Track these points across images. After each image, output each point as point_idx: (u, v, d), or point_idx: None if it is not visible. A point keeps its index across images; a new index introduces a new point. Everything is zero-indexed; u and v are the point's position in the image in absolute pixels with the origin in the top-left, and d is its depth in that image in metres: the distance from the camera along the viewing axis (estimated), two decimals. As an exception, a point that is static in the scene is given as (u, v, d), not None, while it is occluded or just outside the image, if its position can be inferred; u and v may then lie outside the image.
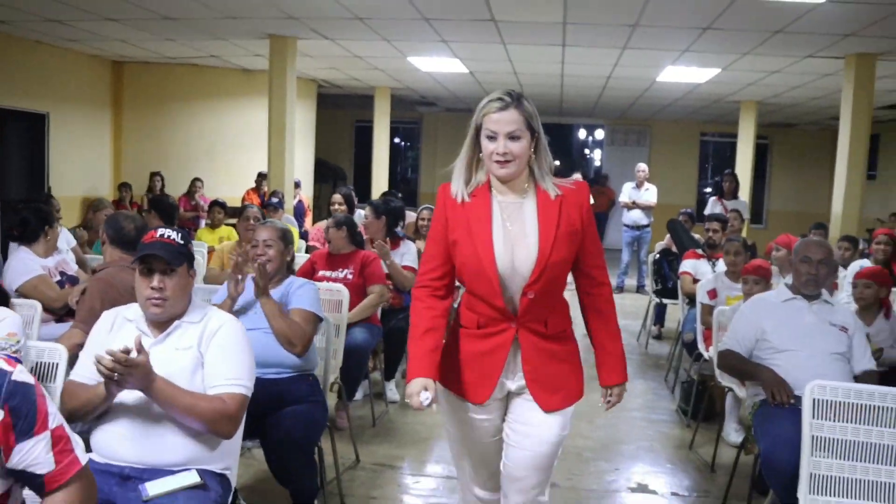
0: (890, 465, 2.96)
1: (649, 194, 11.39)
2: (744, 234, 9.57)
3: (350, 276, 5.28)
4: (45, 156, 10.82)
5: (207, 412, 2.57)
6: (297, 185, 11.61)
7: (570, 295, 2.65)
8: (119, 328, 2.76)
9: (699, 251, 7.03)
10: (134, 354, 2.42)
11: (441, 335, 2.60)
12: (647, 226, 11.39)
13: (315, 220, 12.83)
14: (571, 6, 7.27)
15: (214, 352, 2.68)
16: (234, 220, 9.73)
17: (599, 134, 19.59)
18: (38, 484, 1.85)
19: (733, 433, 5.03)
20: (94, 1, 7.88)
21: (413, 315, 2.62)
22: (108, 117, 12.35)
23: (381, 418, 5.40)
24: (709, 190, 18.10)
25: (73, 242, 5.78)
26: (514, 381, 2.61)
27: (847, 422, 2.99)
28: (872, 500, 2.95)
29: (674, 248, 8.25)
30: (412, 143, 20.47)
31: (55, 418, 1.88)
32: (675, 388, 6.29)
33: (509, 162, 2.48)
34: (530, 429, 2.59)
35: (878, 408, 2.98)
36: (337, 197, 7.08)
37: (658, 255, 8.27)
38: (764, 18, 7.31)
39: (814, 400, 3.02)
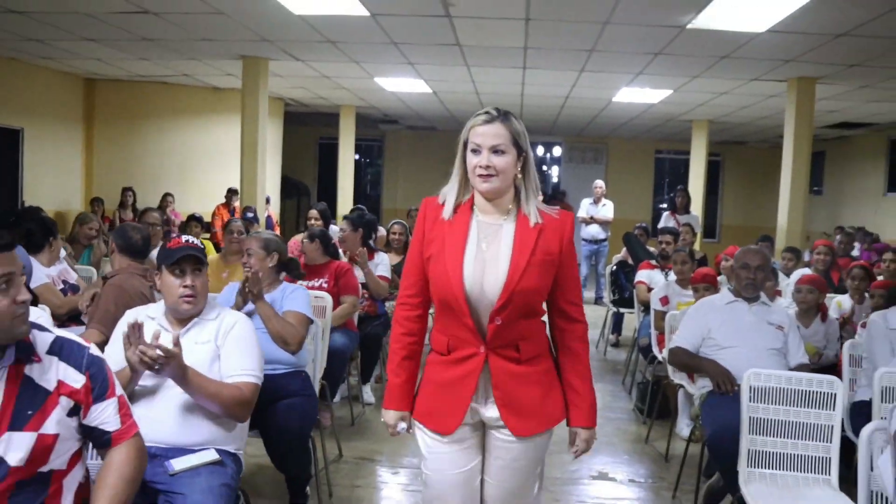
0: (816, 440, 3.43)
1: (606, 210, 11.90)
2: (697, 247, 10.11)
3: (325, 285, 5.63)
4: (20, 170, 11.04)
5: (227, 398, 2.94)
6: (267, 200, 11.93)
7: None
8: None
9: (653, 262, 7.50)
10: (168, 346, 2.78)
11: (416, 362, 2.61)
12: (604, 240, 11.88)
13: (282, 235, 13.15)
14: (532, 32, 7.73)
15: (230, 345, 3.06)
16: (207, 235, 10.07)
17: (557, 151, 20.09)
18: (106, 440, 2.24)
19: (685, 428, 5.46)
20: (75, 21, 8.17)
21: (392, 339, 2.64)
22: (80, 133, 12.59)
23: (359, 418, 5.77)
24: (665, 205, 18.70)
25: (63, 253, 6.07)
26: (488, 410, 2.52)
27: (779, 404, 3.45)
28: (800, 470, 3.42)
29: (630, 261, 8.71)
30: (371, 159, 20.88)
31: (119, 388, 2.27)
32: (632, 389, 6.74)
33: (492, 176, 2.43)
34: (505, 454, 2.54)
35: (805, 392, 3.44)
36: (313, 212, 7.44)
37: (615, 267, 8.75)
38: (710, 45, 7.84)
39: (750, 386, 3.47)
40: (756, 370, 3.52)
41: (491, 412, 2.52)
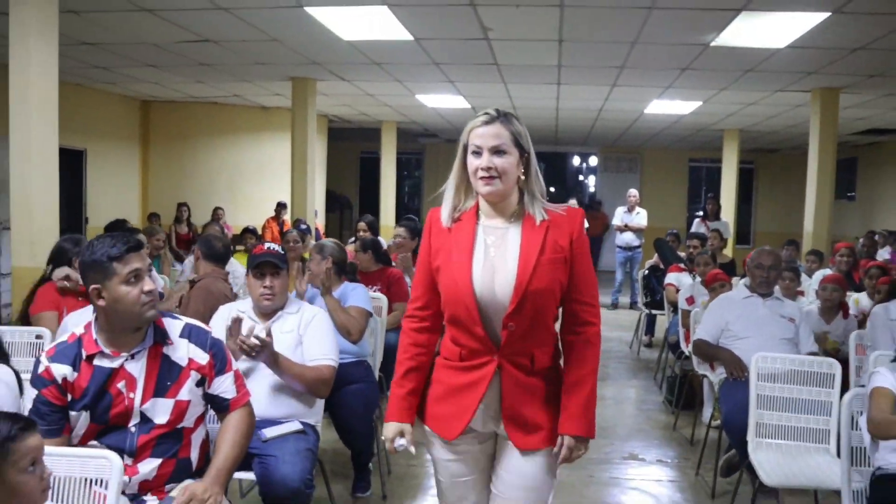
0: (817, 414, 3.91)
1: (640, 218, 12.35)
2: (729, 252, 10.52)
3: (378, 291, 6.16)
4: (83, 188, 11.78)
5: (310, 378, 3.51)
6: (315, 214, 12.53)
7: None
8: (235, 319, 3.69)
9: (681, 265, 7.97)
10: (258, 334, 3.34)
11: (423, 374, 2.54)
12: (638, 247, 12.33)
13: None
14: (565, 52, 8.25)
15: (311, 334, 3.63)
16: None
17: (593, 161, 20.53)
18: (225, 405, 2.79)
19: (709, 416, 5.93)
20: (141, 50, 8.84)
21: (399, 350, 2.59)
22: (137, 152, 13.36)
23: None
24: (700, 213, 19.04)
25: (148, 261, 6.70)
26: (497, 421, 2.46)
27: (784, 383, 3.94)
28: (802, 440, 3.90)
29: (661, 265, 9.17)
30: (410, 172, 21.54)
31: (235, 364, 2.82)
32: (663, 384, 7.21)
33: (494, 178, 2.37)
34: (511, 476, 2.48)
35: (807, 373, 3.94)
36: (362, 224, 8.00)
37: (647, 272, 9.22)
38: (734, 60, 8.31)
39: (759, 368, 3.96)
40: (762, 354, 4.01)
41: (500, 423, 2.46)
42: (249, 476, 3.38)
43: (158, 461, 2.66)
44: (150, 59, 9.31)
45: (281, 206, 12.58)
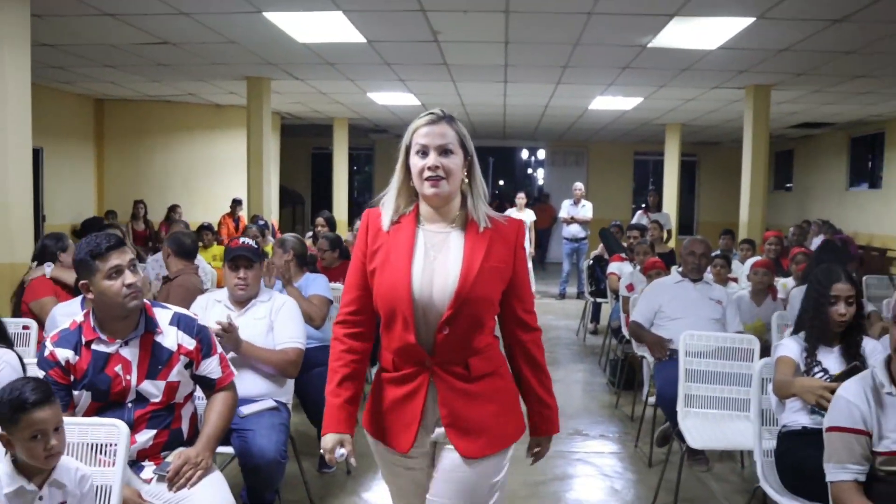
0: (738, 385, 4.36)
1: (586, 210, 12.81)
2: (672, 243, 11.03)
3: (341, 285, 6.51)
4: (40, 188, 11.89)
5: (278, 360, 3.87)
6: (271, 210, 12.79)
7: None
8: (211, 307, 4.03)
9: (623, 255, 8.44)
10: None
11: (359, 382, 2.48)
12: (584, 238, 12.79)
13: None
14: (511, 53, 8.67)
15: (281, 320, 3.98)
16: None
17: (541, 154, 20.97)
18: (211, 385, 3.13)
19: (646, 394, 6.38)
20: (99, 51, 9.06)
21: (331, 358, 2.49)
22: (92, 151, 13.49)
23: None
24: (643, 205, 19.63)
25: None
26: (436, 430, 2.39)
27: (709, 358, 4.39)
28: (725, 409, 4.36)
29: (606, 255, 9.63)
30: (359, 167, 21.84)
31: (220, 347, 3.16)
32: (607, 368, 7.65)
33: (441, 179, 2.32)
34: (451, 475, 2.37)
35: (728, 348, 4.40)
36: (320, 220, 8.31)
37: (592, 261, 9.68)
38: (670, 60, 8.80)
39: (686, 345, 4.40)
40: (689, 332, 4.46)
41: (440, 432, 2.39)
42: (227, 450, 3.71)
43: (153, 432, 2.99)
44: (108, 59, 9.51)
45: (236, 203, 12.77)
